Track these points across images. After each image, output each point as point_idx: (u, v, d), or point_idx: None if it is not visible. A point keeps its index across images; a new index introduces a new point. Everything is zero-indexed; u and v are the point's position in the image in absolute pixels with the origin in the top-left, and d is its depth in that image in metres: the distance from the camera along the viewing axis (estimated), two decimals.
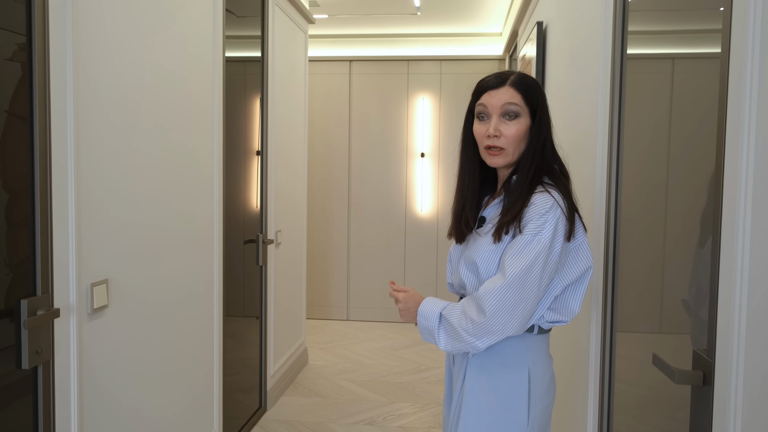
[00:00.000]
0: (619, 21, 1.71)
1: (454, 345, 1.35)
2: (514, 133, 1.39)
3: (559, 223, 1.31)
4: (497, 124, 1.39)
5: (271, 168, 3.31)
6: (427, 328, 1.40)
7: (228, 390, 2.94)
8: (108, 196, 1.69)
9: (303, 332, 4.09)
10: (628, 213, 1.69)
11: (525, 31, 3.64)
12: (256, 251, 3.16)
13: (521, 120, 1.39)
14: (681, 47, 1.43)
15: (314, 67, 5.23)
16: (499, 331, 1.29)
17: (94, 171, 1.62)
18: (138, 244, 1.85)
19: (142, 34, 1.84)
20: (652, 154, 1.52)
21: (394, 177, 5.29)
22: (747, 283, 0.93)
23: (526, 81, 1.41)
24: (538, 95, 1.41)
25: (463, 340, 1.33)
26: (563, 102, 2.44)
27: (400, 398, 3.54)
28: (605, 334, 1.78)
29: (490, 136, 1.40)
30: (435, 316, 1.38)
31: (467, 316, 1.32)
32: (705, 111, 1.15)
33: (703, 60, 1.24)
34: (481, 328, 1.30)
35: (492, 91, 1.42)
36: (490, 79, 1.44)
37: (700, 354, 1.05)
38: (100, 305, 1.67)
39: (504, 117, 1.40)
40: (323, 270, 5.37)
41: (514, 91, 1.40)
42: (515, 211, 1.34)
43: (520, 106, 1.39)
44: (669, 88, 1.44)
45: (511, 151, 1.40)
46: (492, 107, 1.41)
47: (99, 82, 1.63)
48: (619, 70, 1.70)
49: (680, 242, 1.38)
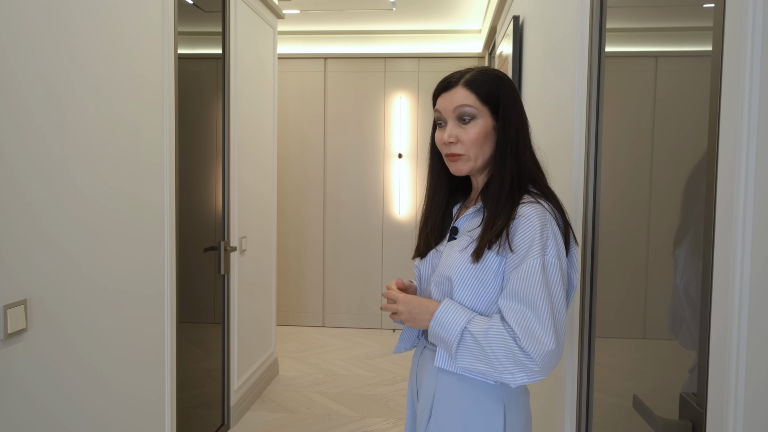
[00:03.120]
0: (596, 17, 1.56)
1: (475, 366, 1.16)
2: (473, 137, 1.23)
3: (557, 236, 1.18)
4: (452, 129, 1.24)
5: (235, 169, 3.12)
6: (441, 338, 1.20)
7: (189, 405, 2.75)
8: (20, 210, 1.50)
9: (272, 343, 3.90)
10: (607, 223, 1.54)
11: (502, 27, 3.49)
12: (217, 260, 2.97)
13: (479, 122, 1.23)
14: (663, 45, 1.28)
15: (287, 64, 5.04)
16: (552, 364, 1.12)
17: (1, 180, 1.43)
18: (66, 253, 1.66)
19: (63, 27, 1.65)
20: (633, 157, 1.37)
21: (371, 178, 5.11)
22: (747, 314, 0.77)
23: (482, 77, 1.25)
24: (499, 91, 1.24)
25: (493, 365, 1.13)
26: (540, 103, 2.28)
27: (373, 412, 3.37)
28: (582, 361, 1.62)
29: (446, 143, 1.25)
30: (457, 329, 1.17)
31: (514, 340, 1.12)
32: (691, 112, 1.00)
33: (690, 58, 1.09)
34: (536, 357, 1.10)
35: (444, 94, 1.27)
36: (442, 82, 1.28)
37: (688, 400, 0.89)
38: (17, 329, 1.47)
39: (459, 121, 1.24)
40: (298, 275, 5.18)
41: (466, 91, 1.24)
42: (500, 226, 1.18)
43: (474, 107, 1.23)
44: (651, 88, 1.29)
45: (472, 156, 1.24)
46: (446, 112, 1.26)
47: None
48: (596, 69, 1.56)
49: (666, 254, 1.23)
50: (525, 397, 1.29)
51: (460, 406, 1.24)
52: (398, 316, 1.28)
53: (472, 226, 1.26)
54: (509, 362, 1.11)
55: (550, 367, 1.11)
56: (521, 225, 1.16)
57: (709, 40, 0.89)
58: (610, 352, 1.56)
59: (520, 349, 1.10)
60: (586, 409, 1.61)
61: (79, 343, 1.73)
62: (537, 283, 1.12)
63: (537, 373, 1.10)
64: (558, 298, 1.14)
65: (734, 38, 0.80)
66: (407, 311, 1.26)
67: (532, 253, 1.14)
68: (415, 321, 1.25)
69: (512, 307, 1.14)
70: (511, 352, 1.11)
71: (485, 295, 1.21)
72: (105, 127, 1.82)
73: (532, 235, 1.14)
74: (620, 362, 1.55)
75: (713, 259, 0.84)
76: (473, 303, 1.22)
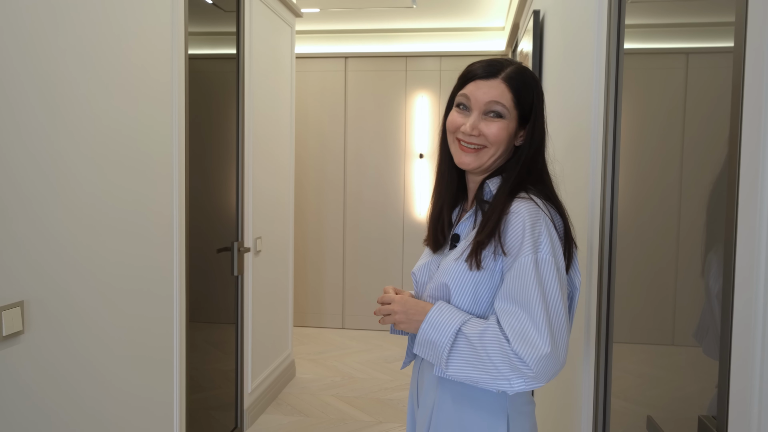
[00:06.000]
0: (614, 13, 1.48)
1: (469, 373, 1.07)
2: (495, 134, 1.15)
3: (552, 232, 1.09)
4: (476, 122, 1.16)
5: (249, 170, 3.08)
6: (432, 341, 1.11)
7: (203, 407, 2.72)
8: (20, 209, 1.47)
9: (289, 345, 3.86)
10: (625, 224, 1.45)
11: (524, 23, 3.39)
12: (231, 260, 2.94)
13: (504, 123, 1.16)
14: (687, 41, 1.20)
15: (308, 64, 5.00)
16: (555, 371, 1.05)
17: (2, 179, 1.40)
18: (68, 252, 1.63)
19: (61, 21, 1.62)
20: (656, 156, 1.28)
21: (391, 179, 5.05)
22: None
23: (523, 78, 1.17)
24: (533, 97, 1.17)
25: (488, 370, 1.04)
26: (557, 99, 2.19)
27: (388, 417, 3.30)
28: (599, 367, 1.53)
29: (467, 134, 1.16)
30: (450, 330, 1.09)
31: (508, 341, 1.04)
32: (714, 109, 0.92)
33: (713, 55, 1.02)
34: (536, 362, 1.02)
35: (480, 81, 1.17)
36: (480, 66, 1.18)
37: (707, 423, 0.80)
38: (12, 332, 1.45)
39: (486, 114, 1.16)
40: (317, 276, 5.14)
41: (505, 87, 1.15)
42: (491, 226, 1.10)
43: (507, 107, 1.15)
44: (675, 85, 1.20)
45: (491, 153, 1.17)
46: (475, 101, 1.16)
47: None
48: (614, 66, 1.48)
49: (689, 257, 1.14)
50: (530, 408, 1.21)
51: (461, 416, 1.17)
52: (392, 317, 1.20)
53: (470, 229, 1.20)
54: (505, 366, 1.03)
55: (548, 373, 1.02)
56: (511, 221, 1.09)
57: (731, 36, 0.82)
58: (632, 358, 1.47)
59: (514, 352, 1.02)
60: (603, 418, 1.52)
61: (81, 344, 1.70)
62: (530, 281, 1.04)
63: (533, 379, 1.02)
64: (554, 297, 1.05)
65: (756, 33, 0.71)
66: (403, 311, 1.18)
67: (524, 250, 1.06)
68: (410, 322, 1.17)
69: (506, 308, 1.07)
70: (506, 355, 1.03)
71: (483, 298, 1.14)
72: (109, 126, 1.79)
73: (522, 230, 1.07)
74: (643, 369, 1.46)
75: (735, 269, 0.75)
76: (471, 308, 1.14)
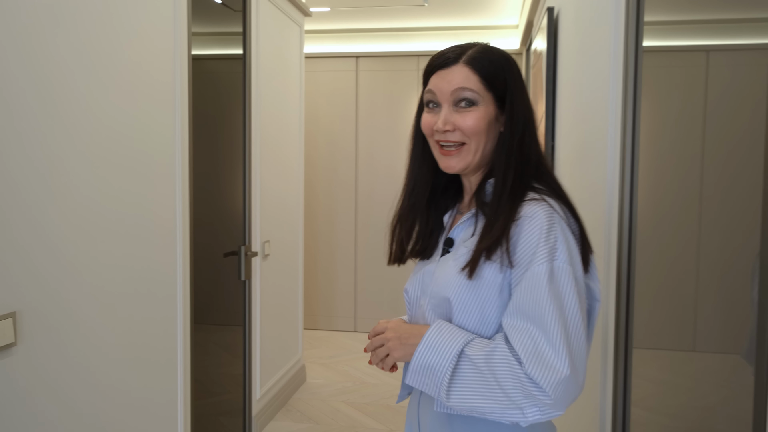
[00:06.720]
0: (633, 9, 1.40)
1: (474, 403, 0.94)
2: (472, 126, 1.03)
3: (568, 237, 0.97)
4: (448, 115, 1.04)
5: (256, 172, 3.03)
6: (430, 366, 0.97)
7: (211, 412, 2.67)
8: (19, 215, 1.42)
9: (299, 350, 3.80)
10: (645, 227, 1.37)
11: (538, 20, 3.30)
12: (237, 265, 2.88)
13: (480, 109, 1.03)
14: (713, 38, 1.12)
15: (318, 64, 4.95)
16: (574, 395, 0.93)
17: None
18: (65, 259, 1.58)
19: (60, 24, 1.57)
20: (681, 157, 1.20)
21: (403, 179, 4.96)
22: None
23: (489, 56, 1.05)
24: (506, 75, 1.05)
25: (497, 398, 0.92)
26: (571, 97, 2.10)
27: (400, 425, 3.22)
28: (618, 374, 1.44)
29: (440, 131, 1.05)
30: (451, 352, 0.96)
31: (521, 366, 0.92)
32: (741, 109, 0.84)
33: (745, 52, 0.93)
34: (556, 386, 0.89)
35: (441, 71, 1.06)
36: (439, 55, 1.09)
37: None
38: (4, 344, 1.40)
39: (456, 106, 1.05)
40: (329, 278, 5.08)
41: (468, 71, 1.04)
42: (497, 231, 0.98)
43: (476, 91, 1.03)
44: (701, 83, 1.12)
45: (473, 148, 1.04)
46: (441, 93, 1.06)
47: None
48: (633, 64, 1.41)
49: (715, 260, 1.06)
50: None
51: None
52: (384, 348, 1.06)
53: (469, 235, 1.06)
54: (517, 393, 0.90)
55: (567, 399, 0.90)
56: (524, 226, 0.96)
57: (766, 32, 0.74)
58: (653, 364, 1.40)
59: (527, 377, 0.90)
60: (622, 428, 1.44)
61: (79, 352, 1.65)
62: (544, 294, 0.92)
63: (550, 407, 0.89)
64: (572, 311, 0.93)
65: None
66: (395, 336, 1.04)
67: (537, 259, 0.94)
68: (404, 347, 1.03)
69: (516, 325, 0.94)
70: (518, 380, 0.90)
71: (491, 316, 1.01)
72: (109, 127, 1.74)
73: (538, 236, 0.95)
74: (663, 376, 1.38)
75: None
76: (477, 328, 1.02)
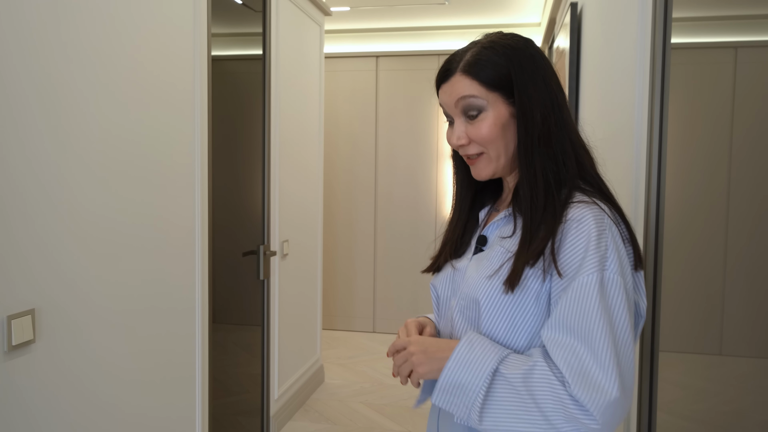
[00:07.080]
0: (660, 5, 1.36)
1: (510, 426, 0.86)
2: (484, 134, 0.97)
3: (619, 245, 0.90)
4: (461, 128, 1.00)
5: (276, 172, 3.03)
6: (461, 385, 0.89)
7: (230, 412, 2.68)
8: (21, 222, 1.42)
9: (317, 350, 3.79)
10: (672, 226, 1.33)
11: (561, 17, 3.25)
12: (256, 264, 2.88)
13: (489, 115, 0.97)
14: (741, 35, 1.08)
15: (338, 63, 4.94)
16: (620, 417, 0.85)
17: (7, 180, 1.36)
18: (81, 261, 1.58)
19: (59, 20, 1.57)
20: (714, 156, 1.16)
21: (424, 180, 4.94)
22: None
23: (486, 55, 0.97)
24: (510, 67, 0.96)
25: (536, 422, 0.85)
26: (596, 95, 2.06)
27: (418, 428, 3.19)
28: (643, 378, 1.40)
29: (458, 146, 1.01)
30: (485, 370, 0.88)
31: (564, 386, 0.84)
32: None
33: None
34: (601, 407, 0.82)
35: (444, 85, 1.02)
36: (440, 69, 1.04)
37: None
38: (23, 341, 1.40)
39: (466, 116, 1.00)
40: (348, 278, 5.07)
41: (466, 79, 0.97)
42: (541, 239, 0.91)
43: (480, 96, 0.97)
44: (729, 80, 1.08)
45: (493, 155, 0.99)
46: (449, 107, 1.02)
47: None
48: (660, 61, 1.37)
49: (743, 267, 1.01)
50: None
51: None
52: (408, 364, 0.97)
53: (505, 233, 1.00)
54: (558, 417, 0.83)
55: (615, 423, 0.83)
56: (571, 231, 0.89)
57: None
58: (679, 368, 1.35)
59: (571, 398, 0.83)
60: None
61: (97, 346, 1.65)
62: (593, 307, 0.85)
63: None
64: (623, 327, 0.86)
65: None
66: (421, 350, 0.95)
67: (586, 268, 0.86)
68: (431, 361, 0.94)
69: (559, 340, 0.87)
70: (561, 402, 0.83)
71: (524, 325, 0.94)
72: (119, 136, 1.71)
73: (586, 243, 0.87)
74: (692, 380, 1.34)
75: None
76: (507, 336, 0.94)
